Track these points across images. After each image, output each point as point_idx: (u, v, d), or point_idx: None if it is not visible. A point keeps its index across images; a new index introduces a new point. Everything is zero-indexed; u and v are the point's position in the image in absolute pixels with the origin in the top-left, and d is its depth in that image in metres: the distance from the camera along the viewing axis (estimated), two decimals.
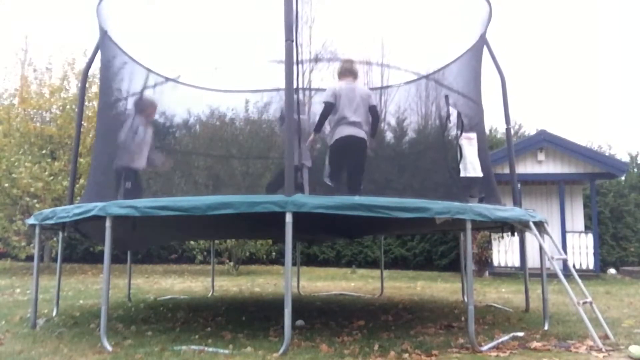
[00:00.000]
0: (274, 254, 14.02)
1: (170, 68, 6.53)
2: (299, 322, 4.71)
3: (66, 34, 33.88)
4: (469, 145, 5.83)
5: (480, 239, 11.53)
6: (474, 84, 6.34)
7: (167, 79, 6.58)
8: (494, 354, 3.64)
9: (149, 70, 6.41)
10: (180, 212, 3.79)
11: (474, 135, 5.91)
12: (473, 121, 6.12)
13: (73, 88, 13.99)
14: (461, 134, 5.86)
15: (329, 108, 5.16)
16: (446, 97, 6.15)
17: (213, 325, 4.78)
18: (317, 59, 7.09)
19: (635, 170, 15.78)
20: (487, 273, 11.76)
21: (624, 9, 39.89)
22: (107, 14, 5.72)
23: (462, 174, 5.73)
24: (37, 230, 4.95)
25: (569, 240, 11.77)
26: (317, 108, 8.80)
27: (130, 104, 5.91)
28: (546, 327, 4.65)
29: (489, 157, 6.83)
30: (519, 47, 39.43)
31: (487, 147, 7.04)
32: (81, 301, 6.81)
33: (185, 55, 6.33)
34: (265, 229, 6.53)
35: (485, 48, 6.20)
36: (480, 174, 5.80)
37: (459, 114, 5.94)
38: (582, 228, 12.41)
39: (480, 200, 5.48)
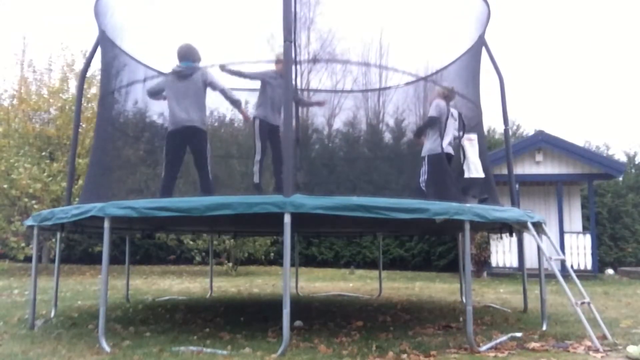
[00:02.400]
0: (272, 254, 14.02)
1: (169, 66, 6.52)
2: (298, 323, 4.71)
3: (65, 35, 33.87)
4: (470, 146, 5.85)
5: (479, 239, 11.54)
6: (472, 85, 6.35)
7: (161, 74, 6.55)
8: (492, 354, 3.65)
9: (149, 68, 6.40)
10: (179, 213, 3.80)
11: (474, 136, 5.92)
12: (472, 122, 6.14)
13: (72, 89, 13.97)
14: (463, 134, 5.88)
15: (435, 122, 5.74)
16: (445, 97, 6.16)
17: (211, 326, 4.78)
18: (315, 60, 7.10)
19: (633, 170, 15.80)
20: (485, 274, 11.77)
21: (621, 9, 40.00)
22: (104, 13, 5.72)
23: (465, 175, 5.76)
24: (35, 232, 4.95)
25: (567, 241, 11.79)
26: (315, 109, 8.83)
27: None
28: (544, 328, 4.66)
29: (488, 158, 6.84)
30: (517, 47, 39.52)
31: (486, 148, 7.05)
32: (79, 302, 6.80)
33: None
34: (265, 227, 6.52)
35: (483, 49, 6.22)
36: (482, 175, 5.82)
37: (460, 115, 5.95)
38: (580, 229, 12.43)
39: (483, 201, 5.50)
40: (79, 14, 39.06)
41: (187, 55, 5.27)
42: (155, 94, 5.52)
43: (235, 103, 5.50)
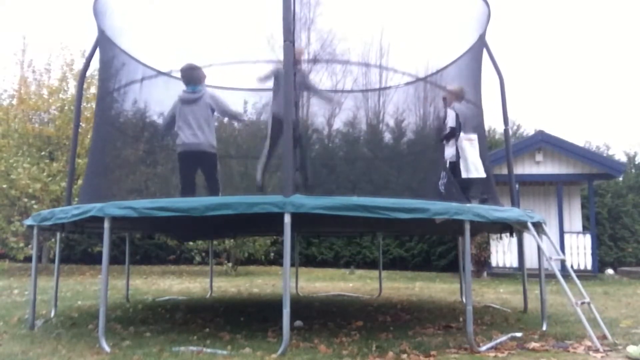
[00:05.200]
0: (272, 254, 14.02)
1: (168, 65, 6.52)
2: (298, 323, 4.71)
3: (65, 35, 33.88)
4: (471, 147, 5.84)
5: (479, 239, 11.53)
6: (473, 85, 6.34)
7: (160, 73, 6.54)
8: (492, 354, 3.64)
9: (148, 67, 6.39)
10: (179, 213, 3.79)
11: (474, 136, 5.91)
12: (473, 122, 6.12)
13: (72, 89, 13.96)
14: (459, 134, 5.87)
15: (455, 132, 5.84)
16: (444, 99, 6.17)
17: (211, 326, 4.78)
18: (315, 60, 7.09)
19: (633, 170, 15.80)
20: (485, 274, 11.77)
21: (621, 9, 40.00)
22: (104, 12, 5.72)
23: (463, 175, 5.75)
24: (35, 231, 4.95)
25: (567, 241, 11.79)
26: (315, 109, 8.81)
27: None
28: (544, 328, 4.66)
29: (488, 158, 6.84)
30: (517, 47, 39.52)
31: (487, 148, 7.04)
32: (79, 302, 6.80)
33: (183, 53, 6.32)
34: (266, 227, 6.51)
35: (484, 49, 6.21)
36: (483, 175, 5.82)
37: (457, 116, 5.95)
38: (580, 229, 12.43)
39: (483, 202, 5.49)
40: (79, 14, 39.08)
41: (192, 79, 5.39)
42: (169, 125, 5.59)
43: (238, 117, 5.92)
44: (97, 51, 5.95)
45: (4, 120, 13.31)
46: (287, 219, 3.65)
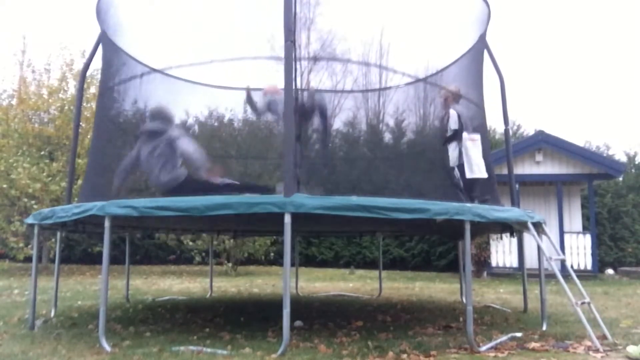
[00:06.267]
0: (272, 254, 14.02)
1: (169, 65, 6.52)
2: (298, 323, 4.71)
3: (65, 35, 33.87)
4: (473, 147, 5.83)
5: (479, 239, 11.53)
6: (474, 85, 6.34)
7: (156, 71, 6.53)
8: (492, 354, 3.64)
9: (149, 67, 6.38)
10: (179, 213, 3.80)
11: (477, 136, 5.90)
12: (474, 123, 6.12)
13: (71, 89, 13.97)
14: (461, 133, 5.86)
15: (458, 134, 5.86)
16: (445, 99, 6.16)
17: (211, 326, 4.78)
18: (315, 59, 7.09)
19: (633, 170, 15.79)
20: (485, 274, 11.77)
21: (622, 9, 40.00)
22: (106, 12, 5.71)
23: (468, 175, 5.74)
24: (35, 230, 4.94)
25: (567, 241, 11.79)
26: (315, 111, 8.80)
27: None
28: (544, 328, 4.66)
29: (490, 159, 6.84)
30: (517, 47, 39.52)
31: (489, 149, 7.04)
32: (79, 302, 6.80)
33: (183, 53, 6.32)
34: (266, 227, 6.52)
35: (484, 49, 6.21)
36: (485, 175, 5.80)
37: (459, 115, 5.94)
38: (580, 229, 12.43)
39: (484, 202, 5.48)
40: (79, 14, 39.08)
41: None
42: None
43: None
44: (98, 51, 5.94)
45: (4, 120, 13.31)
46: (287, 219, 3.65)
